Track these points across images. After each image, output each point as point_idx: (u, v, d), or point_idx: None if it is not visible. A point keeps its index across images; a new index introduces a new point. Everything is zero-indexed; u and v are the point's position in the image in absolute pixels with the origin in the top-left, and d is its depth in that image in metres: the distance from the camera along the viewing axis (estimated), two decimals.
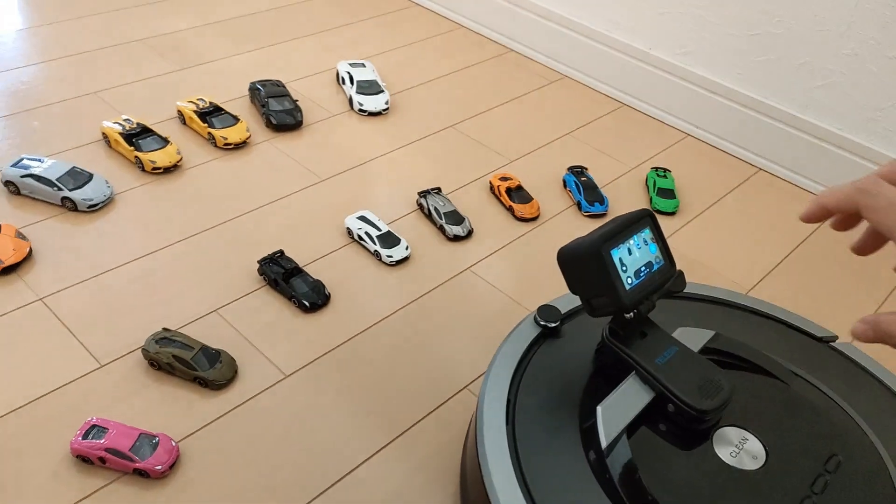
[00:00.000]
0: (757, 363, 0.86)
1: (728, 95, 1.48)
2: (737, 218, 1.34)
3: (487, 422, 0.77)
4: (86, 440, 0.80)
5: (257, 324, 1.00)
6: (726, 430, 0.79)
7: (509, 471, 0.72)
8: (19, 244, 1.04)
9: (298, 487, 0.82)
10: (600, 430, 0.75)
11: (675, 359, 0.81)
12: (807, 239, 1.30)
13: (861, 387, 0.87)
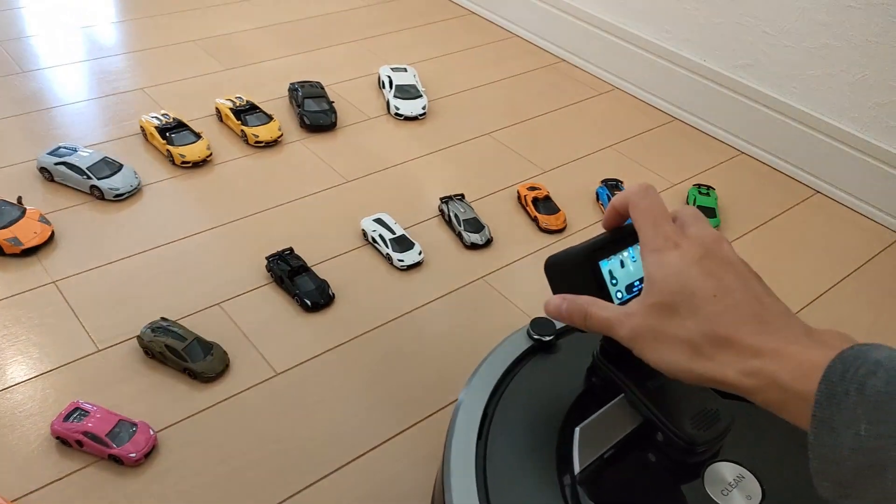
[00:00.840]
0: None
1: (784, 111, 1.39)
2: (783, 241, 1.25)
3: (458, 435, 0.73)
4: (66, 422, 0.81)
5: (257, 320, 0.99)
6: (721, 465, 0.72)
7: (472, 488, 0.68)
8: (42, 228, 1.07)
9: (270, 487, 0.80)
10: (575, 453, 0.70)
11: (669, 383, 0.75)
12: (858, 269, 1.21)
13: None
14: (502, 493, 0.69)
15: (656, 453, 0.72)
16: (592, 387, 0.79)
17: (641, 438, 0.72)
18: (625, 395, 0.74)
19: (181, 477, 0.80)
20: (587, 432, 0.72)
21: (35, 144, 1.26)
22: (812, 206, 1.35)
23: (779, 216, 1.32)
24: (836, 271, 1.20)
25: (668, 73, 1.55)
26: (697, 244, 0.56)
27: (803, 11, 1.31)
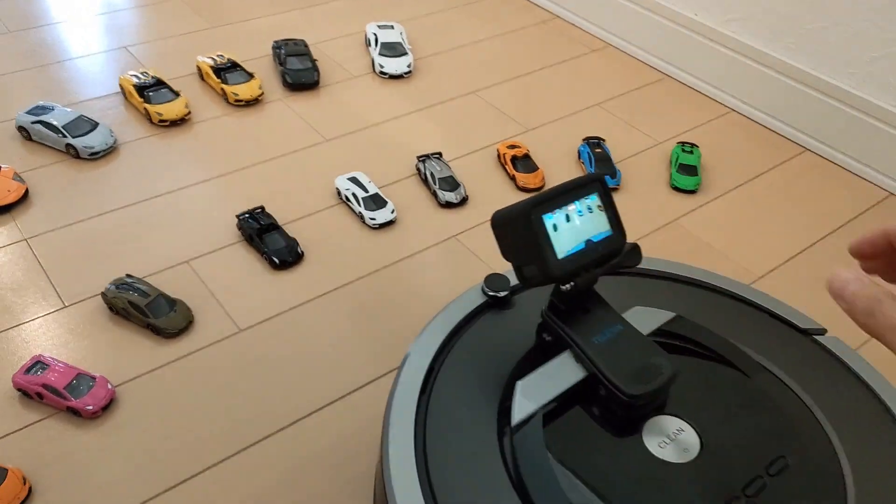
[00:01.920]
0: (717, 351, 0.78)
1: (776, 67, 1.35)
2: (767, 200, 1.22)
3: (400, 389, 0.73)
4: (27, 375, 0.82)
5: (224, 277, 1.00)
6: (662, 418, 0.72)
7: (409, 441, 0.69)
8: (16, 186, 1.08)
9: (225, 441, 0.81)
10: (514, 406, 0.70)
11: (616, 339, 0.74)
12: (839, 229, 1.18)
13: (837, 386, 0.77)
14: (440, 445, 0.69)
15: (599, 407, 0.72)
16: (543, 343, 0.79)
17: (586, 392, 0.72)
18: (570, 350, 0.73)
19: (138, 430, 0.81)
20: (529, 386, 0.72)
21: (15, 103, 1.27)
22: (801, 163, 1.32)
23: (765, 173, 1.29)
24: (821, 227, 1.18)
25: (660, 29, 1.51)
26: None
27: None
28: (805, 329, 0.83)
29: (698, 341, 0.79)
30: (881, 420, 0.74)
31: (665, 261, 0.91)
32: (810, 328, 0.84)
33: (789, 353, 0.80)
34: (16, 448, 0.78)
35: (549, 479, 0.65)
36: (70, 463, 0.77)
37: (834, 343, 0.82)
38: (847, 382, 0.77)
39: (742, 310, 0.86)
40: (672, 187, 1.23)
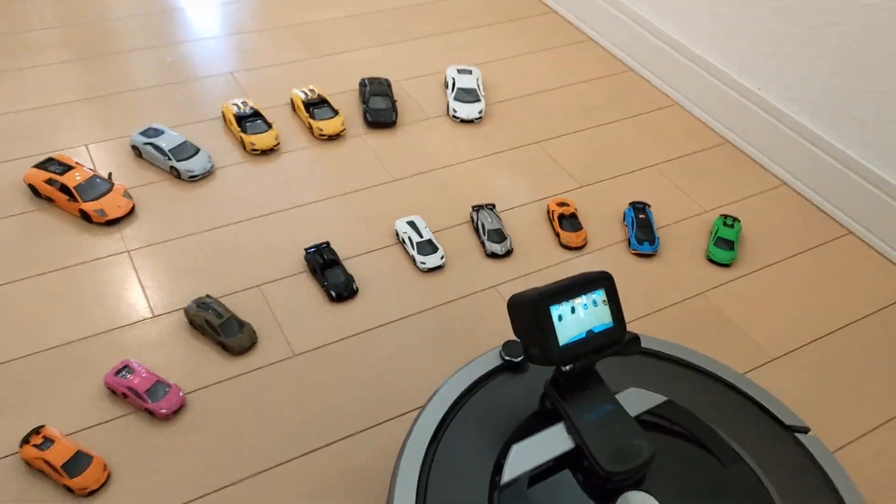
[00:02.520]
0: (699, 437, 0.87)
1: (828, 151, 1.40)
2: (799, 279, 1.29)
3: (416, 433, 0.86)
4: (116, 377, 0.99)
5: (288, 305, 1.15)
6: (634, 494, 0.82)
7: (414, 480, 0.81)
8: (125, 202, 1.26)
9: (268, 453, 0.96)
10: (506, 466, 0.82)
11: (605, 417, 0.85)
12: (865, 318, 1.23)
13: (808, 487, 0.85)
14: (440, 491, 0.81)
15: (582, 477, 0.83)
16: (544, 410, 0.90)
17: (573, 461, 0.83)
18: (564, 423, 0.85)
19: (200, 434, 0.97)
20: (522, 450, 0.83)
21: (130, 122, 1.46)
22: (842, 245, 1.37)
23: (804, 252, 1.34)
24: (848, 314, 1.23)
25: (725, 97, 1.58)
26: None
27: (854, 51, 1.31)
28: (789, 426, 0.91)
29: (683, 426, 0.88)
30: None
31: (670, 343, 1.00)
32: (794, 425, 0.92)
33: (768, 447, 0.88)
34: (101, 437, 0.95)
35: None
36: (143, 457, 0.94)
37: (813, 443, 0.90)
38: (816, 485, 0.85)
39: (732, 399, 0.94)
40: (707, 259, 1.30)
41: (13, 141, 1.39)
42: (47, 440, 0.91)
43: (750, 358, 1.15)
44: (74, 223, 1.24)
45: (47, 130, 1.42)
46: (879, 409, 1.09)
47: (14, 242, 1.20)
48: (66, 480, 0.88)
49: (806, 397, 1.10)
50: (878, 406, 1.10)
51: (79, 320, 1.09)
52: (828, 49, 1.36)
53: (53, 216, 1.25)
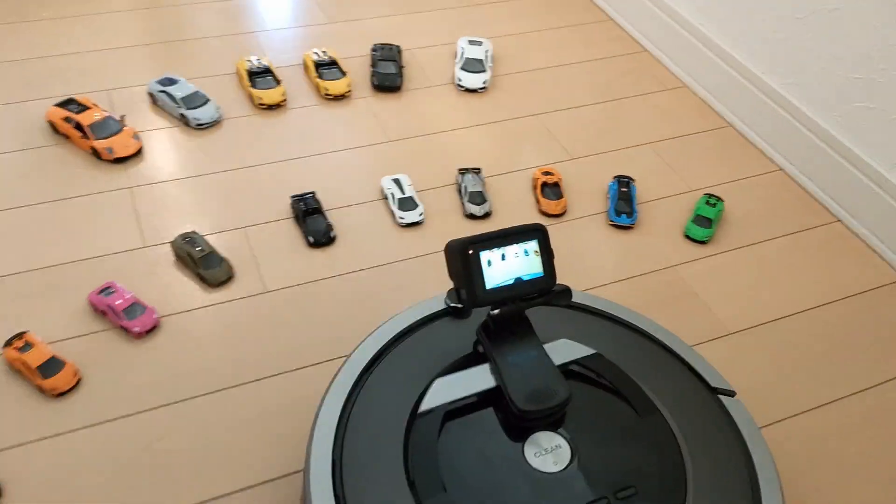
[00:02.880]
0: (620, 389, 0.91)
1: (823, 138, 1.40)
2: (777, 261, 1.29)
3: (349, 364, 0.92)
4: (98, 295, 1.08)
5: (268, 246, 1.22)
6: (546, 433, 0.86)
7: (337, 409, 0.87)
8: (133, 143, 1.35)
9: (230, 374, 1.03)
10: (426, 397, 0.87)
11: (528, 361, 0.89)
12: (834, 303, 1.23)
13: (720, 445, 0.87)
14: (361, 414, 0.87)
15: (499, 415, 0.88)
16: (477, 353, 0.95)
17: (493, 401, 0.88)
18: (489, 364, 0.90)
19: (167, 353, 1.05)
20: (443, 383, 0.89)
21: (153, 72, 1.55)
22: (828, 232, 1.37)
23: (787, 235, 1.35)
24: (816, 297, 1.24)
25: (730, 79, 1.58)
26: None
27: (851, 38, 1.30)
28: (714, 388, 0.94)
29: (606, 378, 0.92)
30: (743, 493, 0.82)
31: (611, 302, 1.03)
32: (720, 388, 0.94)
33: (688, 405, 0.91)
34: (78, 348, 1.05)
35: (431, 461, 0.82)
36: (113, 368, 1.03)
37: (736, 407, 0.92)
38: (729, 445, 0.87)
39: (663, 358, 0.97)
40: (685, 236, 1.32)
41: (42, 82, 1.50)
42: (28, 344, 1.00)
43: (707, 330, 1.17)
44: (85, 159, 1.34)
45: (75, 75, 1.53)
46: (821, 393, 1.10)
47: (28, 172, 1.30)
48: (39, 381, 0.97)
49: (753, 372, 1.12)
50: (820, 389, 1.11)
51: (75, 245, 1.19)
52: (825, 34, 1.35)
53: (67, 151, 1.35)
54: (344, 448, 0.84)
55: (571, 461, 0.84)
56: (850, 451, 1.03)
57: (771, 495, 0.82)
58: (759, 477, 0.85)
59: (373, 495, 0.79)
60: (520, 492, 0.81)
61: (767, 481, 0.84)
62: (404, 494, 0.80)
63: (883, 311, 1.23)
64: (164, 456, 0.94)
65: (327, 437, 0.84)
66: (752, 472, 0.86)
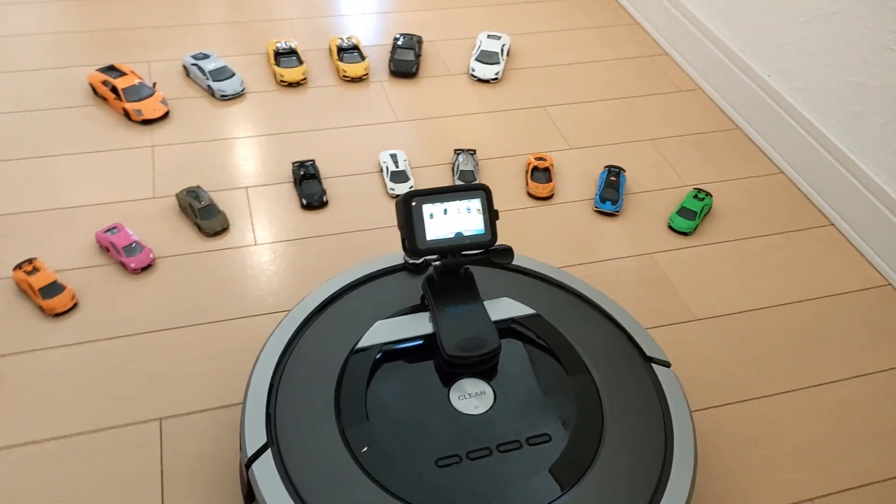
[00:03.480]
0: (553, 348, 0.95)
1: (821, 142, 1.40)
2: (758, 257, 1.31)
3: (300, 305, 0.99)
4: (104, 233, 1.20)
5: (265, 205, 1.32)
6: (473, 380, 0.92)
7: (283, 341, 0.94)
8: (161, 107, 1.48)
9: (209, 312, 1.13)
10: (364, 336, 0.94)
11: (465, 313, 0.95)
12: (832, 297, 1.24)
13: (643, 412, 0.90)
14: (304, 350, 0.94)
15: (431, 360, 0.94)
16: (423, 306, 1.01)
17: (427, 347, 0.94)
18: (429, 312, 0.96)
19: (158, 289, 1.16)
20: (383, 325, 0.96)
21: (188, 49, 1.69)
22: (820, 234, 1.37)
23: (776, 234, 1.36)
24: (796, 293, 1.25)
25: (739, 82, 1.60)
26: None
27: (848, 42, 1.31)
28: (649, 356, 0.97)
29: (541, 336, 0.97)
30: (655, 458, 0.86)
31: (567, 273, 1.08)
32: (655, 357, 0.98)
33: (619, 369, 0.95)
34: (80, 277, 1.16)
35: (358, 393, 0.89)
36: (109, 297, 1.14)
37: (667, 377, 0.95)
38: (653, 411, 0.90)
39: (603, 325, 1.01)
40: (668, 227, 1.35)
41: (95, 51, 1.65)
42: (35, 269, 1.12)
43: (672, 314, 1.20)
44: (116, 119, 1.47)
45: (126, 46, 1.67)
46: (776, 383, 1.11)
47: (64, 127, 1.44)
48: (40, 301, 1.09)
49: (709, 356, 1.14)
50: (776, 380, 1.12)
51: (92, 191, 1.31)
52: (824, 38, 1.36)
53: (102, 112, 1.49)
54: (283, 376, 0.91)
55: (492, 407, 0.89)
56: (792, 441, 1.04)
57: (683, 464, 0.85)
58: (674, 445, 0.88)
59: (301, 418, 0.86)
60: (438, 428, 0.87)
61: (682, 451, 0.86)
62: (329, 420, 0.87)
63: (862, 313, 1.23)
64: (135, 376, 1.04)
65: (268, 364, 0.92)
66: (668, 441, 0.89)
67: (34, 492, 0.90)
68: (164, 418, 0.99)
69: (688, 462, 0.86)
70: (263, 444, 0.84)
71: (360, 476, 0.81)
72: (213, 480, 0.93)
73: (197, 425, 0.99)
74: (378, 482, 0.81)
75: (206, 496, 0.92)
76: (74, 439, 0.96)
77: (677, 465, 0.86)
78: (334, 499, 0.79)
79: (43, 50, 1.65)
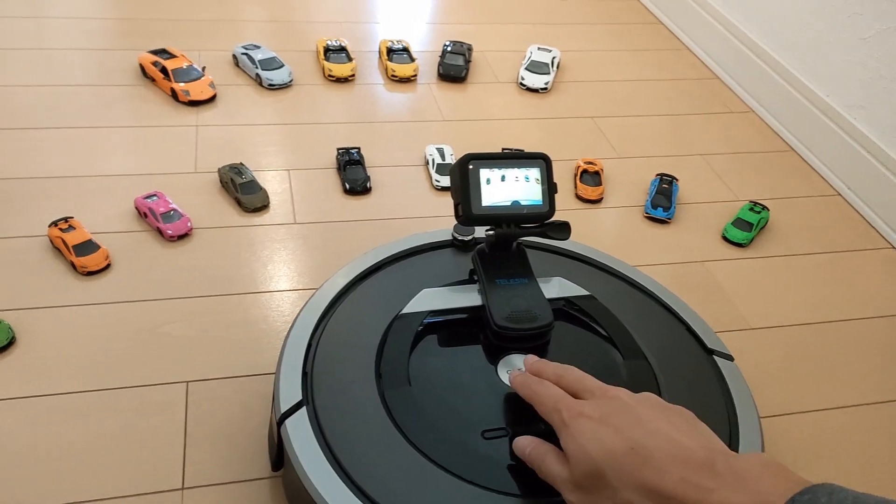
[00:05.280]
0: (609, 331, 0.90)
1: (884, 161, 1.36)
2: (814, 273, 1.25)
3: (347, 267, 0.95)
4: (143, 199, 1.17)
5: (307, 186, 1.29)
6: (523, 355, 0.86)
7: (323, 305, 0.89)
8: (208, 90, 1.47)
9: (244, 283, 1.09)
10: (410, 303, 0.89)
11: (517, 286, 0.90)
12: (864, 319, 1.18)
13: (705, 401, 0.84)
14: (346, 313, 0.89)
15: (479, 332, 0.88)
16: (472, 279, 0.97)
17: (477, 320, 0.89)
18: (478, 283, 0.91)
19: (192, 257, 1.12)
20: (429, 293, 0.91)
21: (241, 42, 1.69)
22: (876, 256, 1.31)
23: (832, 253, 1.30)
24: (851, 311, 1.18)
25: (795, 104, 1.56)
26: (597, 406, 0.62)
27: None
28: (711, 349, 0.91)
29: (598, 319, 0.91)
30: None
31: (626, 264, 1.03)
32: (716, 350, 0.92)
33: (680, 359, 0.89)
34: (116, 240, 1.13)
35: (401, 358, 0.83)
36: (143, 261, 1.10)
37: (730, 370, 0.89)
38: (717, 406, 0.84)
39: (662, 315, 0.95)
40: (722, 237, 1.30)
41: (149, 36, 1.66)
42: (71, 227, 1.09)
43: (727, 323, 1.14)
44: (164, 98, 1.46)
45: (177, 36, 1.68)
46: (827, 397, 1.05)
47: (111, 102, 1.44)
48: (73, 258, 1.06)
49: (762, 364, 1.08)
50: (827, 394, 1.05)
51: (135, 162, 1.30)
52: (887, 54, 1.33)
53: (150, 91, 1.48)
54: (322, 336, 0.86)
55: None
56: (857, 456, 0.97)
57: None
58: (740, 439, 0.82)
59: (339, 379, 0.81)
60: (481, 399, 0.81)
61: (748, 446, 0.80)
62: (370, 383, 0.81)
63: None
64: (164, 339, 0.99)
65: (308, 324, 0.87)
66: (733, 434, 0.82)
67: (53, 442, 0.85)
68: (192, 381, 0.94)
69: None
70: (298, 401, 0.78)
71: (401, 441, 0.75)
72: (238, 446, 0.88)
73: (225, 391, 0.94)
74: (419, 448, 0.75)
75: (229, 461, 0.86)
76: (97, 394, 0.91)
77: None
78: (371, 462, 0.73)
79: (97, 32, 1.66)
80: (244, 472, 0.85)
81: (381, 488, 0.71)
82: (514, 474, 0.73)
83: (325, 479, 0.72)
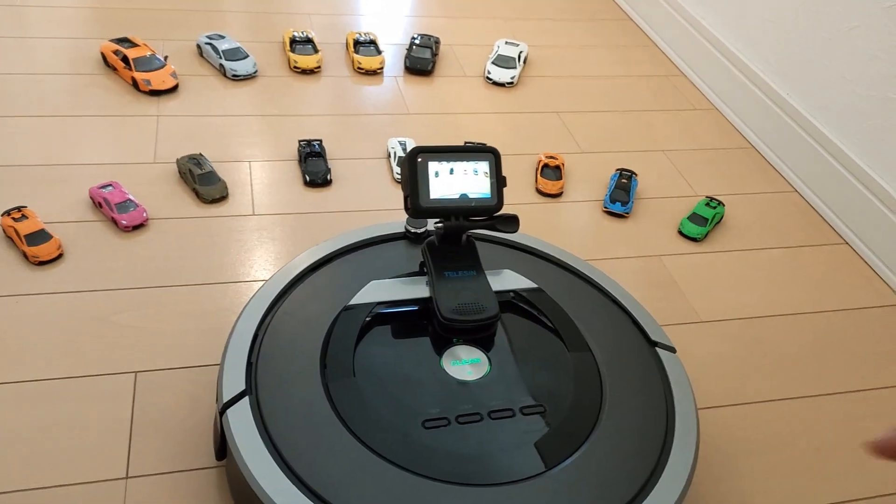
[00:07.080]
0: (554, 323, 0.91)
1: (841, 160, 1.37)
2: (768, 269, 1.27)
3: (296, 260, 0.95)
4: (98, 189, 1.16)
5: (267, 178, 1.29)
6: (469, 348, 0.87)
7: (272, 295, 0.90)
8: (170, 80, 1.46)
9: (199, 274, 1.09)
10: (357, 294, 0.90)
11: (464, 279, 0.91)
12: (815, 314, 1.20)
13: (644, 392, 0.85)
14: (293, 305, 0.89)
15: (426, 323, 0.89)
16: (422, 271, 0.97)
17: (424, 311, 0.90)
18: (427, 276, 0.92)
19: (147, 248, 1.12)
20: (377, 285, 0.91)
21: (205, 30, 1.68)
22: (832, 252, 1.33)
23: (788, 248, 1.32)
24: (803, 305, 1.20)
25: (757, 102, 1.58)
26: None
27: (868, 56, 1.29)
28: (654, 341, 0.93)
29: (544, 311, 0.92)
30: (655, 441, 0.81)
31: (572, 255, 1.04)
32: (660, 342, 0.93)
33: (623, 350, 0.90)
34: (69, 230, 1.12)
35: (346, 349, 0.84)
36: (96, 251, 1.10)
37: (671, 361, 0.91)
38: (656, 397, 0.85)
39: (608, 308, 0.97)
40: (678, 232, 1.31)
41: (113, 25, 1.64)
42: (24, 216, 1.09)
43: (678, 316, 1.16)
44: (124, 88, 1.45)
45: (144, 25, 1.67)
46: (778, 390, 1.06)
47: (72, 90, 1.42)
48: (25, 247, 1.05)
49: (711, 357, 1.10)
50: (778, 387, 1.07)
51: (93, 151, 1.29)
52: (845, 53, 1.35)
53: (111, 80, 1.47)
54: (269, 328, 0.87)
55: (486, 375, 0.84)
56: (798, 448, 0.99)
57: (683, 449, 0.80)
58: (675, 429, 0.83)
59: (283, 370, 0.81)
60: (427, 390, 0.82)
61: (683, 436, 0.81)
62: (314, 374, 0.82)
63: (877, 331, 1.18)
64: (115, 329, 0.99)
65: (254, 315, 0.88)
66: (670, 424, 0.83)
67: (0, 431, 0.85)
68: (140, 371, 0.94)
69: (689, 447, 0.81)
70: (241, 391, 0.79)
71: (342, 432, 0.76)
72: (184, 436, 0.88)
73: (173, 381, 0.94)
74: (360, 439, 0.75)
75: (175, 451, 0.86)
76: (44, 383, 0.91)
77: (677, 449, 0.80)
78: (312, 452, 0.74)
79: (59, 21, 1.64)
80: (189, 461, 0.85)
81: (321, 478, 0.72)
82: (453, 463, 0.74)
83: (264, 469, 0.72)
